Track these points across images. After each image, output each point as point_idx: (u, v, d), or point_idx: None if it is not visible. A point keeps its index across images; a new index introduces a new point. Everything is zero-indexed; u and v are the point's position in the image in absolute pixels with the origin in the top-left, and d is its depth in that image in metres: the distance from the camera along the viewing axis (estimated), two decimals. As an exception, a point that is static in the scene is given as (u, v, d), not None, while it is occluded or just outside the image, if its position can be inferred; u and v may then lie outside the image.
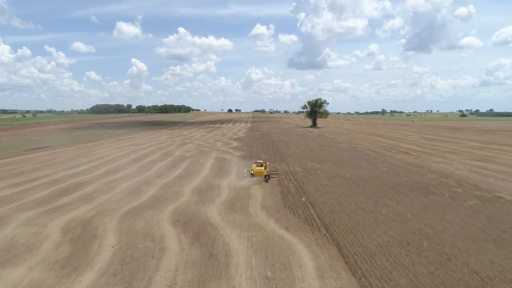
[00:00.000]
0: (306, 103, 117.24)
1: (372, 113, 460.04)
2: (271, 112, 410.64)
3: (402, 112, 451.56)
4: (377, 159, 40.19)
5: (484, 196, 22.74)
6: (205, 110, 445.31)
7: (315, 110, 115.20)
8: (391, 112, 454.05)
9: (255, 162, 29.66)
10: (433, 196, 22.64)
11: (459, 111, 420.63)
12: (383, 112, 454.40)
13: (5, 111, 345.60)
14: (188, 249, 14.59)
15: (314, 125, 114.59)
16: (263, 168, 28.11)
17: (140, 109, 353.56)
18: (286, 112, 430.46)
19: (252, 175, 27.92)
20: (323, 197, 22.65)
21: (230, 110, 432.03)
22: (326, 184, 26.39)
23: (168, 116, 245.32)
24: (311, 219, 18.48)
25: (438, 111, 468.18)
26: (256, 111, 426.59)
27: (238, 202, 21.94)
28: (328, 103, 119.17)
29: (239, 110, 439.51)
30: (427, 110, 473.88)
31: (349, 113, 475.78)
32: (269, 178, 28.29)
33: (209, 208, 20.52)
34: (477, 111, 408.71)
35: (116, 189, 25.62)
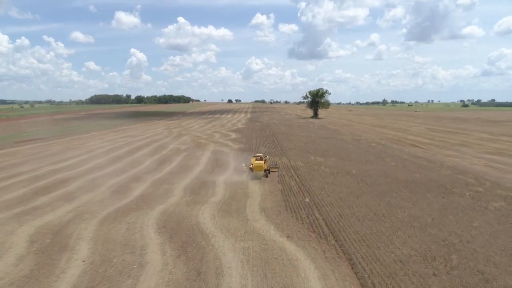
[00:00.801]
0: (308, 93, 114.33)
1: (373, 103, 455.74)
2: (271, 103, 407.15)
3: (403, 102, 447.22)
4: (384, 152, 37.74)
5: (510, 196, 20.31)
6: (205, 100, 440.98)
7: (317, 100, 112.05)
8: (392, 102, 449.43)
9: (254, 156, 27.58)
10: (452, 196, 20.22)
11: (461, 101, 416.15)
12: (384, 102, 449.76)
13: (4, 102, 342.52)
14: (172, 265, 12.30)
15: (315, 115, 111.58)
16: (263, 162, 25.99)
17: (139, 100, 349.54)
18: (286, 102, 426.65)
19: (251, 169, 25.72)
20: (329, 197, 20.27)
21: (230, 101, 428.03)
22: (332, 182, 24.00)
23: (167, 106, 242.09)
24: (316, 225, 16.13)
25: (439, 101, 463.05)
26: (256, 101, 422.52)
27: (234, 203, 19.61)
28: (330, 93, 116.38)
29: (239, 101, 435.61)
30: (428, 100, 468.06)
31: (350, 103, 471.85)
32: (269, 173, 26.27)
33: (200, 211, 18.19)
34: (478, 101, 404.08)
35: (101, 187, 23.33)
